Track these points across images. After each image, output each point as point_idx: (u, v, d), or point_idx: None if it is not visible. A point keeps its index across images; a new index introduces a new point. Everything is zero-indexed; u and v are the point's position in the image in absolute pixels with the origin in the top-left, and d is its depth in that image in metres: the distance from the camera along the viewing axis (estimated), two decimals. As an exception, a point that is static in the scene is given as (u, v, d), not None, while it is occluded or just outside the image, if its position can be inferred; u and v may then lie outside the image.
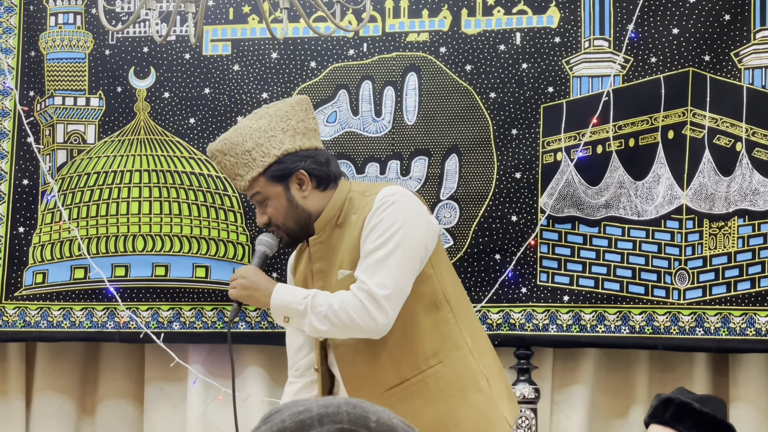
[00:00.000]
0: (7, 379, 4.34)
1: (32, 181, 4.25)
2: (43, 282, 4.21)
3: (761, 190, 3.79)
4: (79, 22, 4.27)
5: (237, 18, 4.18)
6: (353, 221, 3.03)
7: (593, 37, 3.95)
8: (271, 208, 3.07)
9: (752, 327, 3.78)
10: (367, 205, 3.02)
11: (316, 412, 1.25)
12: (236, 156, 3.05)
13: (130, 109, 4.23)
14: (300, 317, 2.97)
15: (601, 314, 3.90)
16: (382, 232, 2.96)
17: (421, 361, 3.02)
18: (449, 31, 4.04)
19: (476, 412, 3.05)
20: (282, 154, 3.05)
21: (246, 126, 3.08)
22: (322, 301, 2.95)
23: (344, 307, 2.92)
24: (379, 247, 2.95)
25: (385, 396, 3.02)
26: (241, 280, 3.05)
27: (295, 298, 2.98)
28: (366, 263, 2.95)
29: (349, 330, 2.94)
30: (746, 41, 3.84)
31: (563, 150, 3.94)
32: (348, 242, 3.03)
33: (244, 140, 3.05)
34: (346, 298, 2.93)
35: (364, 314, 2.92)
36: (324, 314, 2.93)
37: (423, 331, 3.03)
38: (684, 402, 3.20)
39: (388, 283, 2.93)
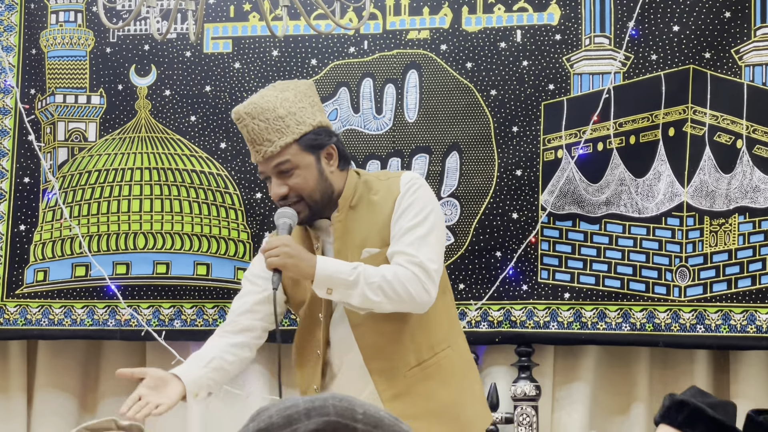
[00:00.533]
0: (9, 376, 4.34)
1: (33, 179, 4.25)
2: (44, 280, 4.21)
3: (762, 187, 3.79)
4: (80, 20, 4.28)
5: (238, 16, 4.18)
6: (376, 202, 3.04)
7: (594, 35, 3.95)
8: (299, 179, 3.01)
9: (753, 324, 3.78)
10: (392, 186, 3.04)
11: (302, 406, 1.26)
12: (267, 121, 3.00)
13: (131, 106, 4.23)
14: (349, 288, 2.91)
15: (601, 311, 3.90)
16: (418, 210, 2.99)
17: (435, 343, 3.07)
18: (450, 28, 4.04)
19: (477, 396, 3.15)
20: (317, 125, 3.05)
21: (272, 95, 3.04)
22: (374, 272, 2.93)
23: (398, 278, 2.92)
24: (418, 225, 2.98)
25: (408, 376, 3.04)
26: (285, 248, 2.92)
27: (343, 268, 2.93)
28: (408, 239, 2.96)
29: (402, 302, 2.94)
30: (747, 38, 3.84)
31: (564, 147, 3.94)
32: (372, 222, 3.03)
33: (275, 107, 3.02)
34: (399, 270, 2.93)
35: (419, 286, 2.93)
36: (378, 285, 2.91)
37: (438, 314, 3.07)
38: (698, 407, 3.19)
39: (435, 258, 2.97)
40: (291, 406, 1.26)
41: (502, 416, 3.95)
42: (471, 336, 3.93)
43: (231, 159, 4.14)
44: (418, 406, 3.04)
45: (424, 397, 3.05)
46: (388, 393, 3.04)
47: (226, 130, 4.14)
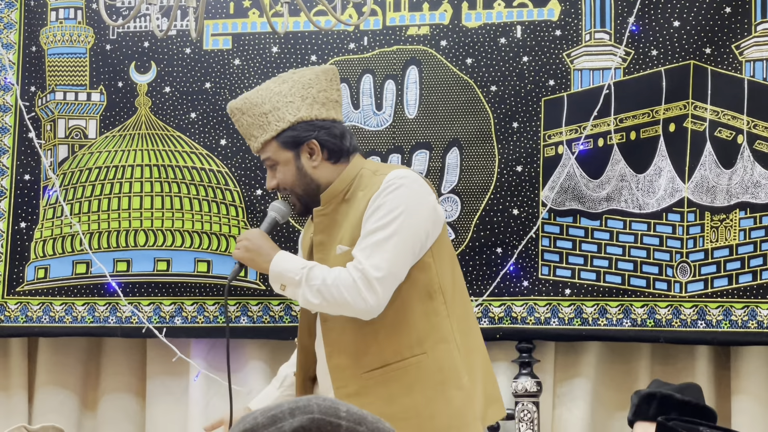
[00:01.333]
0: (9, 374, 4.34)
1: (34, 176, 4.26)
2: (44, 277, 4.21)
3: (762, 182, 3.79)
4: (80, 17, 4.27)
5: (237, 12, 4.17)
6: (359, 198, 3.04)
7: (594, 30, 3.95)
8: (281, 174, 3.10)
9: (754, 319, 3.78)
10: (375, 184, 3.02)
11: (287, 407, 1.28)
12: (253, 117, 3.10)
13: (131, 104, 4.23)
14: (294, 287, 2.99)
15: (602, 307, 3.90)
16: (384, 214, 2.97)
17: (405, 347, 3.02)
18: (450, 24, 4.04)
19: (453, 408, 3.02)
20: (296, 121, 3.08)
21: (268, 88, 3.12)
22: (317, 275, 2.96)
23: (337, 283, 2.93)
24: (380, 229, 2.96)
25: (364, 377, 3.02)
26: (245, 242, 3.08)
27: (293, 267, 3.00)
28: (365, 243, 2.96)
29: (339, 307, 2.95)
30: (747, 33, 3.84)
31: (564, 143, 3.94)
32: (351, 219, 3.04)
33: (263, 102, 3.09)
34: (341, 275, 2.94)
35: (355, 294, 2.92)
36: (317, 288, 2.94)
37: (412, 319, 3.02)
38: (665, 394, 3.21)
39: (383, 266, 2.93)
40: (275, 407, 1.29)
41: (503, 412, 3.95)
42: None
43: (231, 156, 4.14)
44: (375, 408, 2.92)
45: (383, 400, 3.00)
46: (343, 391, 3.03)
47: (226, 127, 4.14)
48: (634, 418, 3.34)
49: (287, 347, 4.17)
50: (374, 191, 3.00)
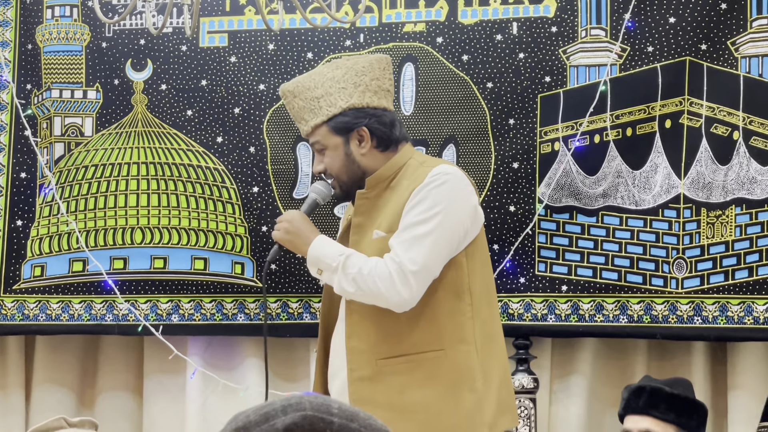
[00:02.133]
0: (6, 372, 4.34)
1: (30, 174, 4.25)
2: (41, 275, 4.21)
3: (759, 178, 3.79)
4: (76, 15, 4.27)
5: (233, 10, 4.17)
6: (404, 187, 3.06)
7: (590, 27, 3.95)
8: (328, 158, 3.12)
9: (750, 315, 3.78)
10: (420, 175, 3.04)
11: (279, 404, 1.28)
12: (305, 100, 3.11)
13: (127, 101, 4.22)
14: (331, 273, 3.01)
15: (599, 304, 3.90)
16: (426, 208, 2.99)
17: (424, 341, 3.03)
18: (446, 21, 4.04)
19: (462, 409, 3.02)
20: (348, 107, 3.10)
21: (321, 73, 3.14)
22: (355, 263, 2.98)
23: (373, 274, 2.96)
24: (420, 223, 2.98)
25: (379, 364, 3.03)
26: (286, 224, 3.09)
27: (331, 252, 3.02)
28: (404, 236, 2.98)
29: (373, 297, 2.97)
30: (743, 30, 3.84)
31: (561, 140, 3.94)
32: (392, 206, 3.06)
33: (315, 86, 3.11)
34: (377, 266, 2.96)
35: (390, 286, 2.95)
36: (353, 277, 2.97)
37: (437, 314, 3.03)
38: (655, 388, 3.22)
39: (419, 261, 2.95)
40: (267, 405, 1.29)
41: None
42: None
43: (227, 153, 4.14)
44: (385, 396, 3.02)
45: (394, 390, 3.02)
46: (356, 374, 3.05)
47: (223, 125, 4.14)
48: (624, 412, 3.36)
49: (284, 345, 4.18)
50: (418, 183, 3.02)
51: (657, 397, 3.22)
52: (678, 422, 3.27)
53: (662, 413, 3.24)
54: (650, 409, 3.24)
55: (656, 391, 3.21)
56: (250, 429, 1.27)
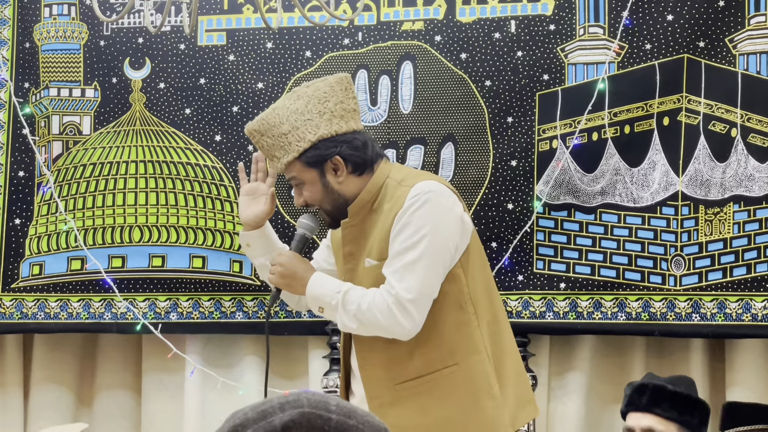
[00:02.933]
0: (5, 371, 4.34)
1: (28, 172, 4.25)
2: (39, 273, 4.21)
3: (756, 175, 3.80)
4: (74, 13, 4.27)
5: (232, 8, 4.17)
6: (386, 211, 3.01)
7: (588, 25, 3.95)
8: (308, 192, 3.08)
9: (748, 312, 3.79)
10: (400, 198, 2.98)
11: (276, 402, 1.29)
12: (273, 138, 3.05)
13: (125, 99, 4.22)
14: (332, 311, 3.00)
15: (597, 301, 3.91)
16: (411, 233, 2.93)
17: (437, 359, 3.01)
18: (444, 19, 4.04)
19: (485, 417, 3.02)
20: (317, 139, 3.02)
21: (284, 107, 3.05)
22: (353, 299, 2.96)
23: (372, 308, 2.93)
24: (409, 249, 2.93)
25: (397, 389, 3.02)
26: (279, 268, 3.07)
27: (329, 291, 3.00)
28: (395, 265, 2.94)
29: (377, 330, 2.96)
30: (741, 27, 3.84)
31: (559, 137, 3.94)
32: (378, 231, 3.01)
33: (281, 122, 3.04)
34: (375, 299, 2.94)
35: (391, 318, 2.92)
36: (353, 313, 2.95)
37: (444, 330, 3.01)
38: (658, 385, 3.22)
39: (415, 288, 2.92)
40: (265, 402, 1.30)
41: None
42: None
43: (226, 151, 4.14)
44: (410, 419, 3.01)
45: (417, 411, 3.02)
46: (377, 401, 3.03)
47: (221, 123, 4.14)
48: (626, 408, 3.36)
49: (283, 342, 4.18)
50: (399, 206, 2.96)
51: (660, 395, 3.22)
52: (680, 420, 3.27)
53: (665, 411, 3.24)
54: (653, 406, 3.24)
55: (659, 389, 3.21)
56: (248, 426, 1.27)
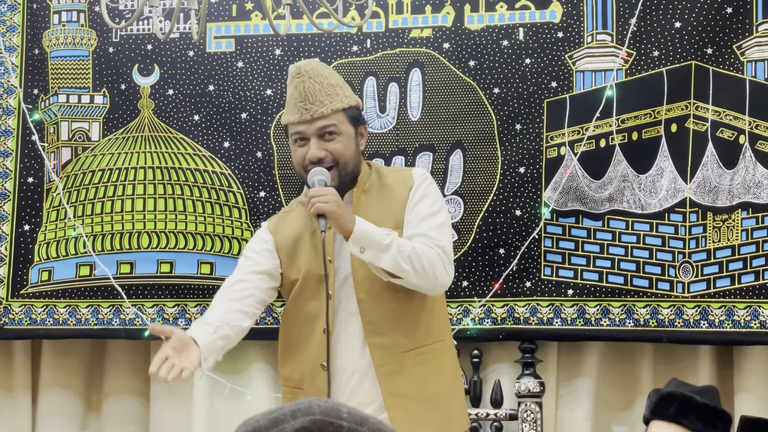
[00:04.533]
0: (13, 375, 4.35)
1: (37, 179, 4.26)
2: (48, 280, 4.22)
3: (764, 182, 3.80)
4: (83, 20, 4.28)
5: (240, 15, 4.18)
6: (390, 187, 3.18)
7: (596, 32, 3.96)
8: (340, 145, 3.14)
9: (756, 319, 3.79)
10: (406, 176, 3.20)
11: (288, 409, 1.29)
12: (321, 84, 3.14)
13: (134, 106, 4.23)
14: (382, 251, 3.00)
15: (605, 308, 3.91)
16: (431, 202, 3.14)
17: (432, 332, 3.19)
18: (452, 26, 4.05)
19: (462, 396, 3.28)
20: (356, 104, 3.21)
21: (323, 66, 3.22)
22: (405, 242, 3.04)
23: (426, 254, 3.03)
24: (435, 214, 3.13)
25: (401, 357, 3.13)
26: (334, 197, 3.01)
27: (379, 231, 3.03)
28: (428, 224, 3.10)
29: (426, 276, 3.03)
30: (749, 34, 3.85)
31: (567, 144, 3.95)
32: (386, 204, 3.16)
33: (328, 74, 3.19)
34: (425, 248, 3.05)
35: (441, 267, 3.05)
36: (408, 254, 3.01)
37: (437, 307, 3.21)
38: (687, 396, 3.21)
39: (449, 247, 3.12)
40: (277, 410, 1.30)
41: (506, 413, 3.96)
42: (475, 333, 3.95)
43: (234, 158, 4.15)
44: (413, 387, 3.14)
45: (419, 380, 3.15)
46: (385, 369, 3.12)
47: (230, 129, 4.15)
48: (651, 416, 3.34)
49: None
50: (410, 183, 3.17)
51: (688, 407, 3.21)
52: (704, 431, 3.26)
53: (691, 422, 3.23)
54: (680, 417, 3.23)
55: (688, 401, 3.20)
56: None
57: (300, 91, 3.14)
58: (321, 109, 3.12)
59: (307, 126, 3.13)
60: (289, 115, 3.17)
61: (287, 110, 3.20)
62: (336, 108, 3.13)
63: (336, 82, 3.18)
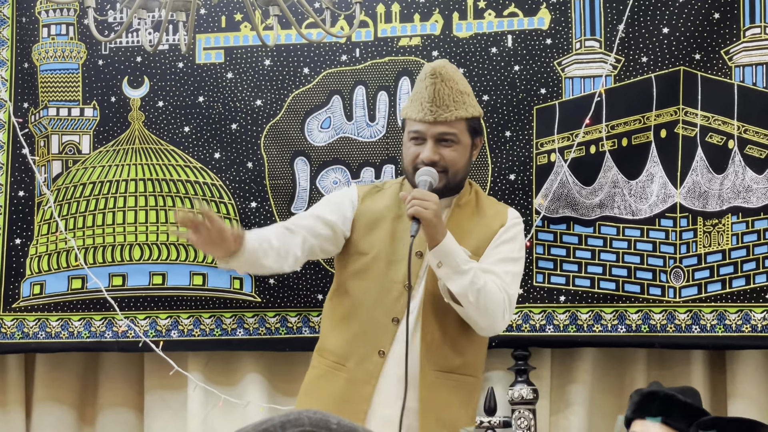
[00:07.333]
0: (7, 390, 4.34)
1: (28, 192, 4.26)
2: (40, 293, 4.22)
3: (754, 187, 3.81)
4: (72, 33, 4.29)
5: (229, 26, 4.19)
6: (485, 214, 3.20)
7: (584, 38, 3.96)
8: (456, 153, 3.16)
9: (748, 323, 3.79)
10: (502, 212, 3.23)
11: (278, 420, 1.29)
12: (451, 90, 3.15)
13: (124, 118, 4.23)
14: (457, 273, 3.02)
15: (597, 314, 3.91)
16: (517, 248, 3.18)
17: (470, 366, 3.20)
18: (441, 34, 4.05)
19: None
20: (480, 114, 3.24)
21: (455, 71, 3.22)
22: (481, 276, 3.05)
23: (494, 295, 3.05)
24: (514, 261, 3.17)
25: (433, 374, 3.13)
26: (435, 206, 3.01)
27: (464, 255, 3.06)
28: (505, 268, 3.12)
29: (484, 315, 3.06)
30: (736, 39, 3.86)
31: (557, 151, 3.95)
32: (475, 226, 3.18)
33: (458, 80, 3.19)
34: (494, 289, 3.06)
35: (501, 312, 3.07)
36: (478, 288, 3.03)
37: (478, 345, 3.22)
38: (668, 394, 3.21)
39: (515, 298, 3.14)
40: (266, 421, 1.30)
41: (500, 420, 3.96)
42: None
43: (225, 169, 4.15)
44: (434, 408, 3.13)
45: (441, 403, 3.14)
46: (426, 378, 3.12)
47: (220, 140, 4.15)
48: (633, 416, 3.34)
49: (284, 359, 4.18)
50: (502, 219, 3.20)
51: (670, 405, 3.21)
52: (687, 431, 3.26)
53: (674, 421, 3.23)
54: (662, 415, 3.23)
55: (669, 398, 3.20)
56: None
57: (430, 92, 3.15)
58: (445, 114, 3.14)
59: (428, 127, 3.15)
60: (412, 111, 3.17)
61: (411, 105, 3.19)
62: (460, 116, 3.15)
63: (464, 89, 3.18)
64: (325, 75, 4.10)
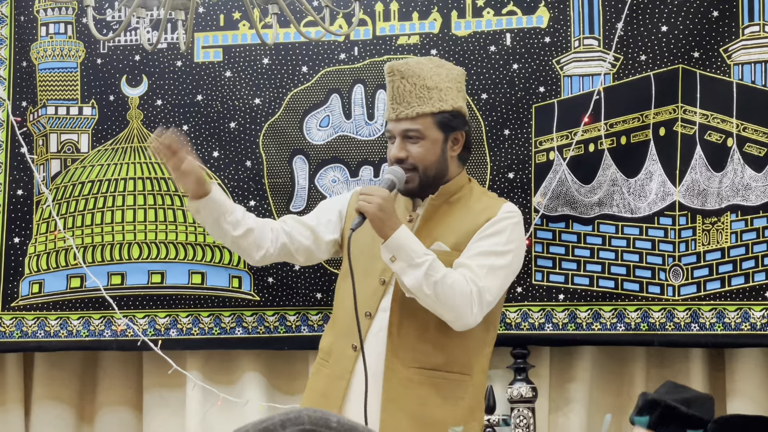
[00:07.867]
0: (6, 389, 4.34)
1: (26, 191, 4.26)
2: (39, 292, 4.21)
3: (753, 185, 3.81)
4: (70, 32, 4.28)
5: (228, 24, 4.18)
6: (472, 209, 3.15)
7: (583, 36, 3.96)
8: (422, 149, 3.14)
9: (747, 322, 3.79)
10: (492, 206, 3.17)
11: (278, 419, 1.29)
12: (414, 86, 3.15)
13: (123, 117, 4.23)
14: (412, 268, 3.00)
15: (596, 312, 3.91)
16: (504, 242, 3.11)
17: (456, 363, 3.14)
18: (439, 33, 4.05)
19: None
20: (455, 108, 3.19)
21: (428, 66, 3.19)
22: (440, 269, 3.00)
23: (454, 287, 3.00)
24: (497, 255, 3.09)
25: (410, 371, 3.11)
26: (380, 201, 3.02)
27: (418, 248, 3.02)
28: (482, 261, 3.06)
29: (445, 308, 3.02)
30: (735, 37, 3.86)
31: (556, 149, 3.95)
32: (459, 223, 3.13)
33: (426, 76, 3.16)
34: (459, 281, 3.01)
35: (468, 305, 3.01)
36: (435, 281, 2.99)
37: (468, 341, 3.15)
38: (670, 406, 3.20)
39: (493, 291, 3.06)
40: (266, 420, 1.30)
41: (499, 419, 3.96)
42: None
43: (224, 167, 4.15)
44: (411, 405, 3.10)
45: (417, 400, 3.11)
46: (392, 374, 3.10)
47: (219, 139, 4.15)
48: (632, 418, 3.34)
49: (282, 357, 4.19)
50: (493, 213, 3.14)
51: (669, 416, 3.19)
52: None
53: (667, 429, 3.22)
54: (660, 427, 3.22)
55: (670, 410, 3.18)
56: None
57: (389, 90, 3.21)
58: (407, 111, 3.15)
59: (394, 125, 3.20)
60: (387, 112, 3.25)
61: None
62: (423, 112, 3.14)
63: (434, 85, 3.16)
64: (324, 73, 4.10)
